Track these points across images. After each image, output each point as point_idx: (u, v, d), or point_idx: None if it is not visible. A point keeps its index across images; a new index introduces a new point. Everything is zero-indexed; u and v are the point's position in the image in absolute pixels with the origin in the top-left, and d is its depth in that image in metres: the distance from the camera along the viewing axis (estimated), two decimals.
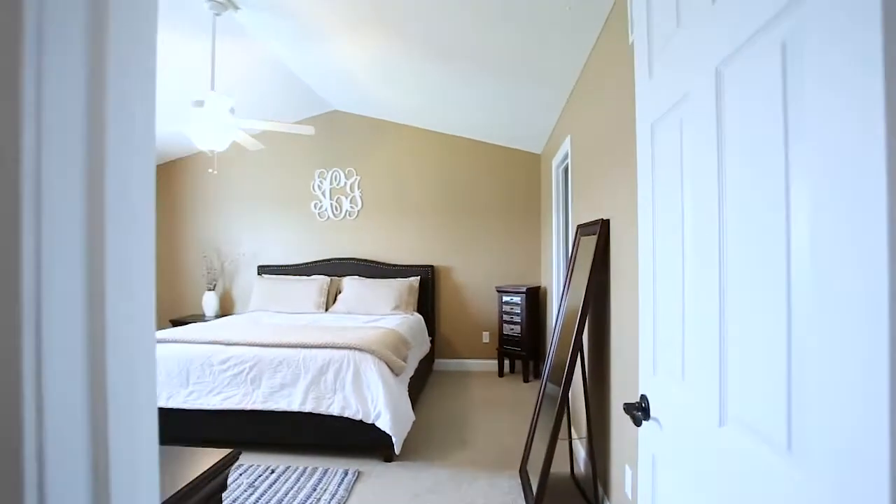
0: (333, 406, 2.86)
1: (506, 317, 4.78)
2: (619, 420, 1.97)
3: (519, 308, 4.67)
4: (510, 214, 5.10)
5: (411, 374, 3.57)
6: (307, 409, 2.87)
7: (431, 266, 5.09)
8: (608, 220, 2.14)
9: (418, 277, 4.99)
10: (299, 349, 3.01)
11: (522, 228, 5.09)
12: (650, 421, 1.00)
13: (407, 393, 3.15)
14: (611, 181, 2.09)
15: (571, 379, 2.08)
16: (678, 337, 0.88)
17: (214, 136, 2.83)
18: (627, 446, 1.78)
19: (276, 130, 3.21)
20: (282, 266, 5.25)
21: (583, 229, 2.56)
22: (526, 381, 4.65)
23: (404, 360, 3.29)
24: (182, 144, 5.09)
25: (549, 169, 4.28)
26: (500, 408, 3.86)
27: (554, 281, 3.99)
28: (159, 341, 3.18)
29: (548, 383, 2.61)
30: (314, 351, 2.99)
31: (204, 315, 5.15)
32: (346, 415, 2.84)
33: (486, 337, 5.13)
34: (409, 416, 2.98)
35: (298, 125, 3.00)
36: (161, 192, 5.55)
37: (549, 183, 4.31)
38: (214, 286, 5.28)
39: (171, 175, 5.56)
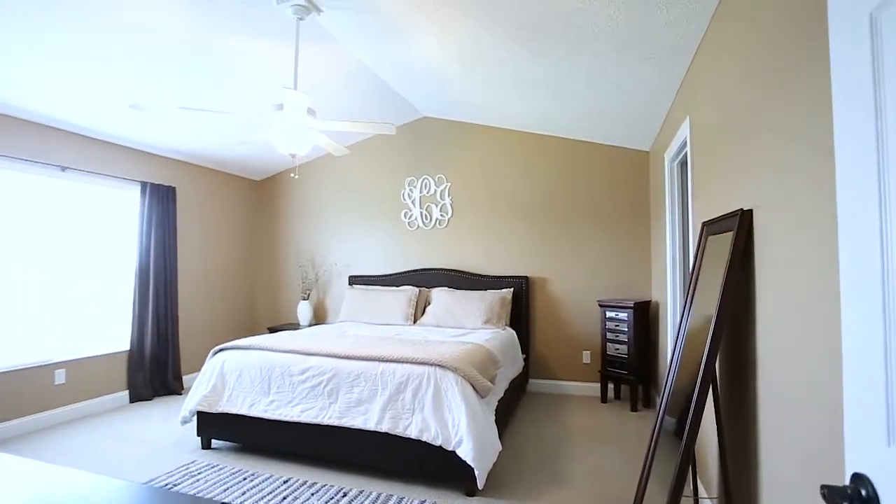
0: (411, 428, 2.60)
1: (610, 335, 4.21)
2: (776, 486, 1.44)
3: (626, 325, 4.08)
4: (614, 220, 4.54)
5: (500, 395, 3.20)
6: (384, 428, 2.63)
7: (526, 277, 4.69)
8: (750, 211, 1.63)
9: (511, 289, 4.62)
10: (377, 363, 2.81)
11: (629, 235, 4.50)
12: None
13: (494, 418, 2.79)
14: (755, 157, 1.58)
15: (700, 420, 1.58)
16: None
17: (294, 138, 2.76)
18: None
19: (356, 132, 3.08)
20: (371, 276, 5.19)
21: (710, 227, 2.04)
22: (634, 409, 4.03)
23: (492, 380, 2.94)
24: (279, 160, 5.30)
25: (661, 166, 3.70)
26: (602, 440, 3.33)
27: (669, 294, 3.40)
28: (243, 348, 3.18)
29: (666, 416, 2.10)
30: (392, 365, 2.76)
31: (298, 324, 5.25)
32: (424, 438, 2.55)
33: (586, 357, 4.59)
34: (495, 445, 2.62)
35: (379, 124, 2.83)
36: (263, 205, 5.84)
37: (661, 182, 3.72)
38: (308, 295, 5.37)
39: (272, 189, 5.83)
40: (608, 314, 4.23)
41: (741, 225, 1.62)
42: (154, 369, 4.41)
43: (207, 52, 3.08)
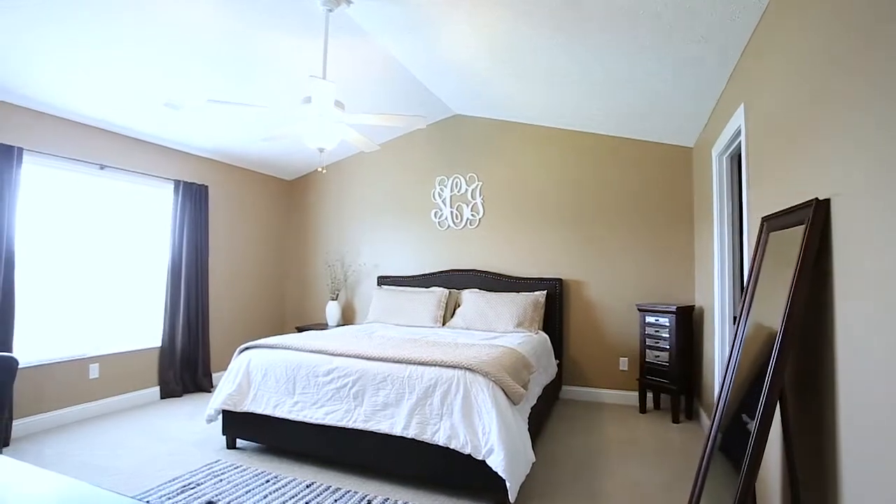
0: (439, 434, 2.47)
1: (649, 341, 3.98)
2: None
3: (667, 331, 3.85)
4: (655, 220, 4.30)
5: (533, 402, 3.04)
6: (410, 434, 2.51)
7: (560, 279, 4.49)
8: (827, 201, 1.42)
9: (545, 292, 4.44)
10: (405, 365, 2.69)
11: (670, 237, 4.25)
12: None
13: (526, 426, 2.63)
14: (837, 136, 1.38)
15: (764, 444, 1.38)
16: None
17: (322, 132, 2.69)
18: None
19: (385, 125, 2.99)
20: (400, 277, 5.10)
21: (772, 222, 1.83)
22: (676, 421, 3.78)
23: (525, 385, 2.78)
24: (310, 160, 5.28)
25: (707, 161, 3.46)
26: (642, 453, 3.11)
27: (716, 298, 3.15)
28: (269, 347, 3.12)
29: (719, 434, 1.89)
30: (420, 368, 2.64)
31: (326, 324, 5.21)
32: (452, 446, 2.42)
33: (623, 364, 4.36)
34: (528, 456, 2.45)
35: (408, 116, 2.73)
36: (293, 204, 5.85)
37: (707, 179, 3.48)
38: (337, 296, 5.33)
39: (303, 188, 5.83)
40: (648, 319, 4.00)
41: (815, 217, 1.42)
42: (184, 366, 4.44)
43: (238, 48, 3.05)
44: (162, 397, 4.28)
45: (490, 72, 3.55)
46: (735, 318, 3.02)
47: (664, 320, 3.87)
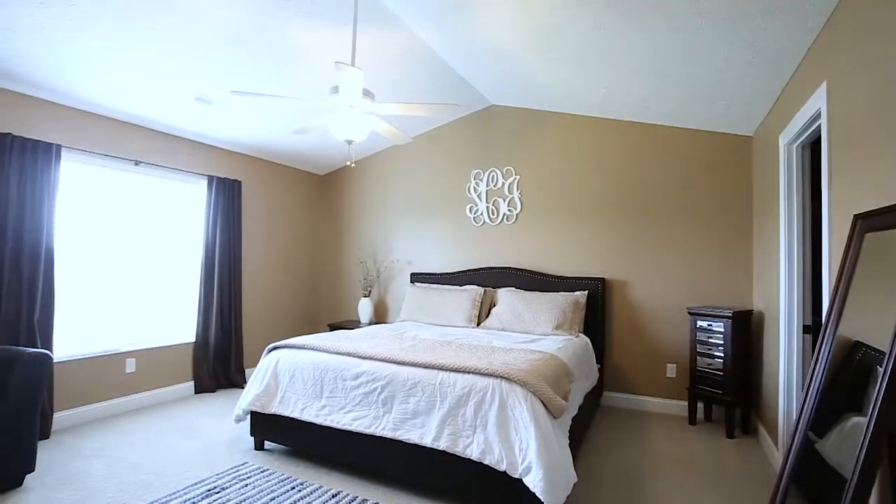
0: (472, 448, 2.29)
1: (701, 347, 3.67)
2: None
3: (721, 337, 3.53)
4: (707, 217, 3.96)
5: (574, 412, 2.81)
6: (441, 445, 2.35)
7: (602, 279, 4.22)
8: None
9: (586, 292, 4.18)
10: (436, 371, 2.52)
11: (725, 235, 3.90)
12: None
13: (568, 442, 2.41)
14: None
15: (870, 488, 1.14)
16: None
17: (350, 124, 2.54)
18: None
19: (417, 116, 2.82)
20: (434, 274, 4.94)
21: (871, 220, 1.54)
22: (730, 436, 3.45)
23: (566, 397, 2.57)
24: (342, 154, 5.18)
25: (773, 151, 3.11)
26: (695, 472, 2.83)
27: (782, 304, 2.83)
28: (296, 347, 3.02)
29: (793, 463, 1.63)
30: (452, 375, 2.47)
31: (359, 321, 5.12)
32: (486, 462, 2.24)
33: (670, 370, 4.05)
34: (570, 475, 2.24)
35: (441, 104, 2.54)
36: (326, 199, 5.78)
37: (772, 170, 3.13)
38: (369, 292, 5.23)
39: (335, 183, 5.75)
40: (699, 324, 3.69)
41: None
42: (217, 362, 4.44)
43: (267, 38, 2.94)
44: (196, 392, 4.29)
45: (531, 57, 3.31)
46: (806, 326, 2.70)
47: (718, 325, 3.55)
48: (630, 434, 3.49)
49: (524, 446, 2.17)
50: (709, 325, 3.62)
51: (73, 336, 3.52)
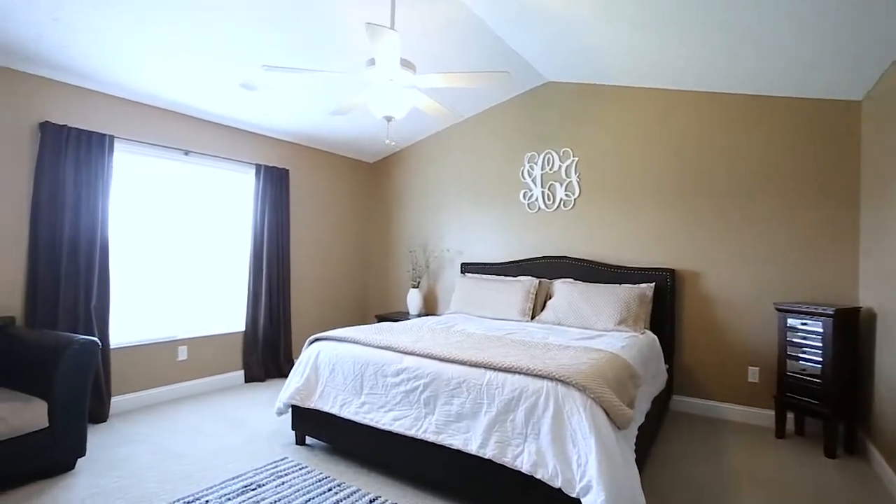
0: (522, 458, 2.03)
1: (792, 349, 3.17)
2: None
3: (819, 339, 3.02)
4: (799, 198, 3.41)
5: (641, 421, 2.47)
6: (487, 454, 2.10)
7: (671, 270, 3.78)
8: None
9: (653, 284, 3.76)
10: (483, 370, 2.27)
11: (823, 220, 3.34)
12: None
13: (634, 457, 2.09)
14: None
15: None
16: None
17: (389, 98, 2.32)
18: None
19: (460, 87, 2.56)
20: (486, 264, 4.68)
21: None
22: (831, 455, 2.95)
23: (631, 404, 2.24)
24: (392, 140, 5.01)
25: (891, 116, 2.57)
26: (787, 497, 2.40)
27: None
28: (337, 340, 2.87)
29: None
30: (501, 375, 2.21)
31: (408, 313, 4.96)
32: (538, 475, 1.97)
33: (753, 374, 3.56)
34: (636, 497, 1.91)
35: (488, 73, 2.27)
36: (375, 187, 5.66)
37: (890, 140, 2.60)
38: (419, 283, 5.05)
39: (384, 171, 5.61)
40: (790, 322, 3.19)
41: None
42: (266, 351, 4.43)
43: (305, 16, 2.78)
44: (246, 381, 4.31)
45: (597, 18, 2.93)
46: None
47: (815, 325, 3.04)
48: (704, 445, 3.09)
49: (583, 461, 1.88)
50: (802, 323, 3.12)
51: (127, 323, 3.59)
